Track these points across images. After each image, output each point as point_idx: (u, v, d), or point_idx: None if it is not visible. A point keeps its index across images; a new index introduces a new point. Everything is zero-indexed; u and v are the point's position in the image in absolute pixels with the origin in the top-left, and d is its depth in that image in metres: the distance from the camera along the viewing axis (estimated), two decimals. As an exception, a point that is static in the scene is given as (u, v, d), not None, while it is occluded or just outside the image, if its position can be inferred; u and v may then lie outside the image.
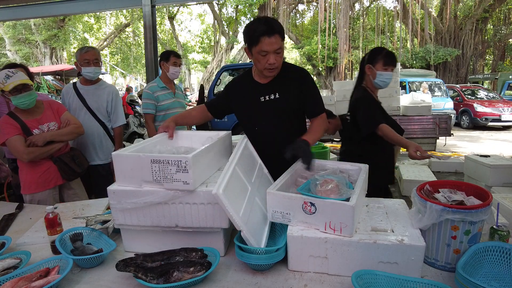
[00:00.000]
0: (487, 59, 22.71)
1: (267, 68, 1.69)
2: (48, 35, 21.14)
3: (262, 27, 1.60)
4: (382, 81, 2.24)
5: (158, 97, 3.12)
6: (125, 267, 1.22)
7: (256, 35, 1.61)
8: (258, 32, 1.60)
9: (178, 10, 24.59)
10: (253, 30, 1.63)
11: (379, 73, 2.22)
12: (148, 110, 3.13)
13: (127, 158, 1.39)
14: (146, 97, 3.13)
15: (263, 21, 1.63)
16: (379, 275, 1.13)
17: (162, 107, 3.14)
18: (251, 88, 1.85)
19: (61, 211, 1.90)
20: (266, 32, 1.59)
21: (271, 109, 1.82)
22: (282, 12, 18.44)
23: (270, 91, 1.82)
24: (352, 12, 20.48)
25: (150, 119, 3.14)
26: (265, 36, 1.59)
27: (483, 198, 1.29)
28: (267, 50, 1.63)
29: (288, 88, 1.81)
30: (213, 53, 24.40)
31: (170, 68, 3.18)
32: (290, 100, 1.82)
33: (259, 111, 1.84)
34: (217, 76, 8.16)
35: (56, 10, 5.10)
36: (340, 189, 1.37)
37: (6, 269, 1.31)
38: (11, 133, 2.16)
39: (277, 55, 1.66)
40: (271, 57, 1.64)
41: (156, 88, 3.14)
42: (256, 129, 1.86)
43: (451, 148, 8.16)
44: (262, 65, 1.69)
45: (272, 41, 1.61)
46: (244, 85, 1.89)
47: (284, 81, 1.81)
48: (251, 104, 1.85)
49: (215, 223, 1.37)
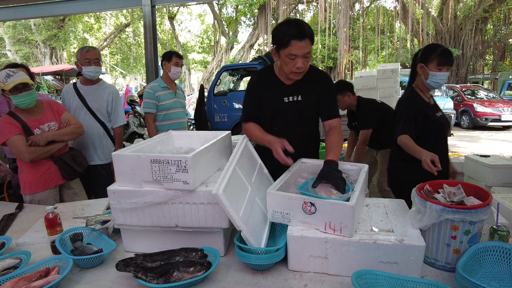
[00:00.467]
0: (487, 59, 22.71)
1: (294, 72, 1.67)
2: (48, 35, 21.14)
3: (293, 30, 1.57)
4: (435, 82, 2.04)
5: (159, 96, 3.14)
6: (125, 267, 1.22)
7: (287, 38, 1.58)
8: (289, 35, 1.58)
9: (178, 10, 24.59)
10: (283, 32, 1.60)
11: (432, 73, 2.01)
12: (149, 110, 3.14)
13: (127, 158, 1.39)
14: (147, 96, 3.14)
15: (295, 23, 1.60)
16: (379, 275, 1.13)
17: (163, 107, 3.16)
18: (276, 87, 1.84)
19: (61, 211, 1.90)
20: (297, 36, 1.56)
21: (293, 111, 1.82)
22: (282, 12, 18.45)
23: (294, 92, 1.82)
24: (352, 12, 20.49)
25: (151, 119, 3.16)
26: (295, 40, 1.57)
27: (483, 198, 1.29)
28: (296, 54, 1.60)
29: (310, 91, 1.82)
30: (213, 53, 24.41)
31: (172, 68, 3.19)
32: (312, 103, 1.82)
33: (282, 112, 1.83)
34: (217, 76, 8.16)
35: (56, 10, 5.10)
36: None
37: (6, 269, 1.31)
38: (12, 132, 2.16)
39: (305, 59, 1.64)
40: (299, 61, 1.62)
41: (158, 88, 3.16)
42: (275, 129, 1.84)
43: (451, 148, 8.14)
44: (289, 68, 1.67)
45: (302, 45, 1.58)
46: (269, 84, 1.86)
47: (307, 84, 1.81)
48: (275, 104, 1.84)
49: (215, 223, 1.37)
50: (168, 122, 3.19)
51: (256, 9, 19.78)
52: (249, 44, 20.98)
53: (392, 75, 7.63)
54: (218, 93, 7.99)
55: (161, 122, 3.19)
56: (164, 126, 3.13)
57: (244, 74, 9.25)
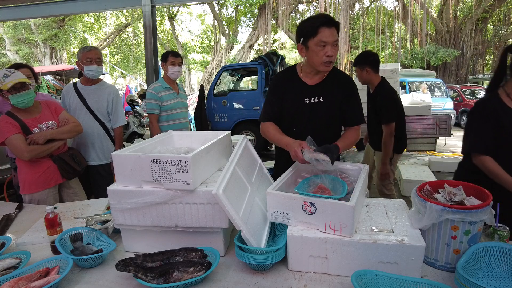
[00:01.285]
0: (487, 59, 22.70)
1: (324, 61, 1.67)
2: (48, 35, 21.14)
3: (322, 19, 1.63)
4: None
5: (162, 97, 3.13)
6: (125, 267, 1.22)
7: (316, 26, 1.62)
8: (318, 22, 1.62)
9: (178, 10, 24.58)
10: (311, 22, 1.64)
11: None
12: (153, 110, 3.13)
13: (127, 158, 1.39)
14: (150, 97, 3.13)
15: (321, 15, 1.67)
16: (379, 275, 1.13)
17: (166, 107, 3.15)
18: (298, 88, 1.84)
19: (61, 211, 1.90)
20: (326, 23, 1.61)
21: (314, 112, 1.82)
22: (282, 12, 18.45)
23: (316, 93, 1.81)
24: (352, 12, 20.49)
25: (155, 119, 3.15)
26: (324, 27, 1.61)
27: (483, 198, 1.29)
28: (326, 41, 1.62)
29: (333, 93, 1.81)
30: (213, 53, 24.40)
31: (169, 69, 3.18)
32: (334, 105, 1.81)
33: (302, 113, 1.83)
34: (217, 76, 8.16)
35: (56, 10, 5.10)
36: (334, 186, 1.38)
37: (6, 269, 1.31)
38: (10, 131, 2.16)
39: (334, 48, 1.66)
40: (330, 49, 1.64)
41: (160, 89, 3.15)
42: (294, 129, 1.84)
43: (451, 148, 8.16)
44: (319, 57, 1.66)
45: (332, 32, 1.62)
46: (291, 84, 1.85)
47: (330, 86, 1.80)
48: (296, 105, 1.83)
49: (215, 223, 1.37)
50: (171, 123, 3.19)
51: (256, 9, 19.77)
52: (249, 44, 20.98)
53: (392, 75, 7.61)
54: (218, 93, 7.98)
55: (164, 123, 3.18)
56: (167, 126, 3.11)
57: (244, 74, 9.24)
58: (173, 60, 3.19)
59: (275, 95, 1.88)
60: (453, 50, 18.66)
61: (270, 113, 1.90)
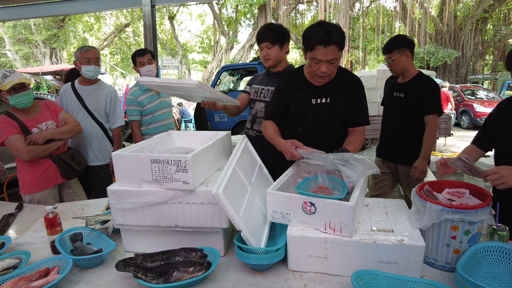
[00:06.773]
0: (487, 59, 22.72)
1: (318, 75, 1.68)
2: (48, 35, 21.14)
3: (320, 35, 1.56)
4: None
5: (142, 101, 2.87)
6: (125, 267, 1.22)
7: (312, 43, 1.59)
8: (315, 40, 1.58)
9: (178, 10, 24.59)
10: (310, 36, 1.60)
11: None
12: (133, 117, 2.88)
13: (127, 158, 1.39)
14: (129, 103, 2.88)
15: (324, 28, 1.58)
16: (378, 275, 1.13)
17: (148, 111, 2.90)
18: (304, 88, 1.83)
19: (61, 211, 1.90)
20: (322, 42, 1.56)
21: (320, 113, 1.81)
22: (282, 12, 18.46)
23: (322, 94, 1.80)
24: (352, 12, 20.49)
25: (136, 126, 2.90)
26: (320, 46, 1.57)
27: (483, 198, 1.29)
28: (320, 59, 1.61)
29: (340, 94, 1.79)
30: (213, 53, 24.40)
31: (140, 70, 2.93)
32: (340, 107, 1.80)
33: (308, 113, 1.82)
34: (217, 76, 8.16)
35: (56, 10, 5.10)
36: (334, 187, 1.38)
37: (6, 269, 1.31)
38: (10, 132, 2.16)
39: (330, 65, 1.64)
40: (323, 66, 1.63)
41: (139, 92, 2.88)
42: (299, 129, 1.84)
43: (451, 148, 8.15)
44: (313, 71, 1.68)
45: (327, 52, 1.58)
46: (298, 84, 1.85)
47: (337, 87, 1.79)
48: (302, 105, 1.83)
49: (215, 223, 1.37)
50: (155, 125, 2.96)
51: (256, 9, 19.78)
52: (249, 44, 20.97)
53: (392, 75, 7.60)
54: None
55: (148, 127, 2.96)
56: (152, 129, 2.93)
57: (244, 74, 9.25)
58: (141, 60, 2.89)
59: (280, 94, 1.89)
60: (453, 51, 18.67)
61: (272, 112, 1.92)
